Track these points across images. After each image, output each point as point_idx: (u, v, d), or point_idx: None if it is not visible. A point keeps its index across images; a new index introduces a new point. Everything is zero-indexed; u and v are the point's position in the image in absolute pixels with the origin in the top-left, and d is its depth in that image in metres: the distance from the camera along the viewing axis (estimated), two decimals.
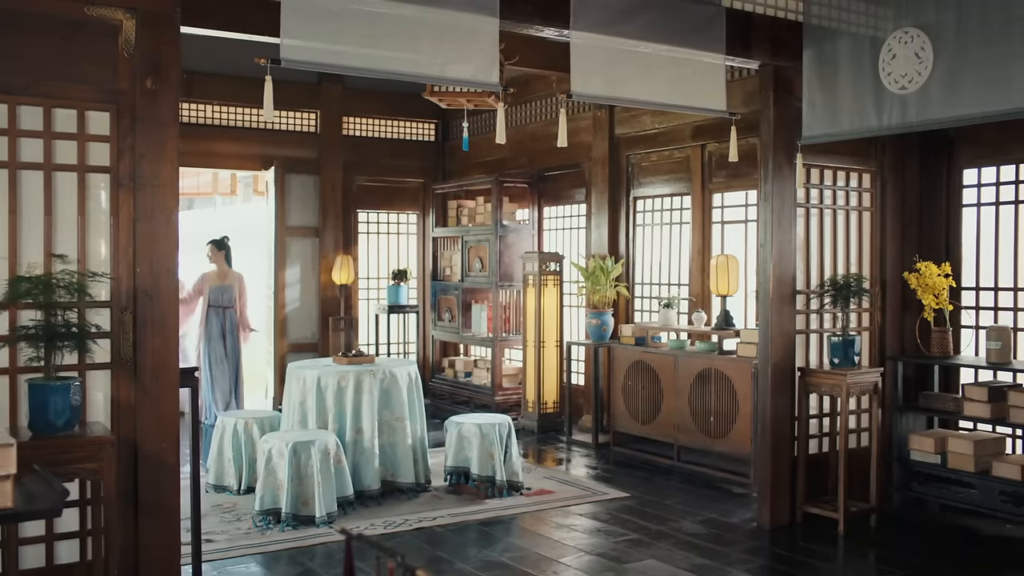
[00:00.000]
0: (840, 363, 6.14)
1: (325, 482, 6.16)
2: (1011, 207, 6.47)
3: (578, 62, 5.33)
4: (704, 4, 5.72)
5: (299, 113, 10.91)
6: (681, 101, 5.89)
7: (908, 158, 6.75)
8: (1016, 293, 6.42)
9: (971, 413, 6.00)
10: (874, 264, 6.71)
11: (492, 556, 5.64)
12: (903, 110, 5.35)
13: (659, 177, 8.93)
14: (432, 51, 4.95)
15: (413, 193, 11.76)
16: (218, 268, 9.19)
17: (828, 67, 5.78)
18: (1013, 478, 5.71)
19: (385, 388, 6.84)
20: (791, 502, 6.26)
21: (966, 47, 5.04)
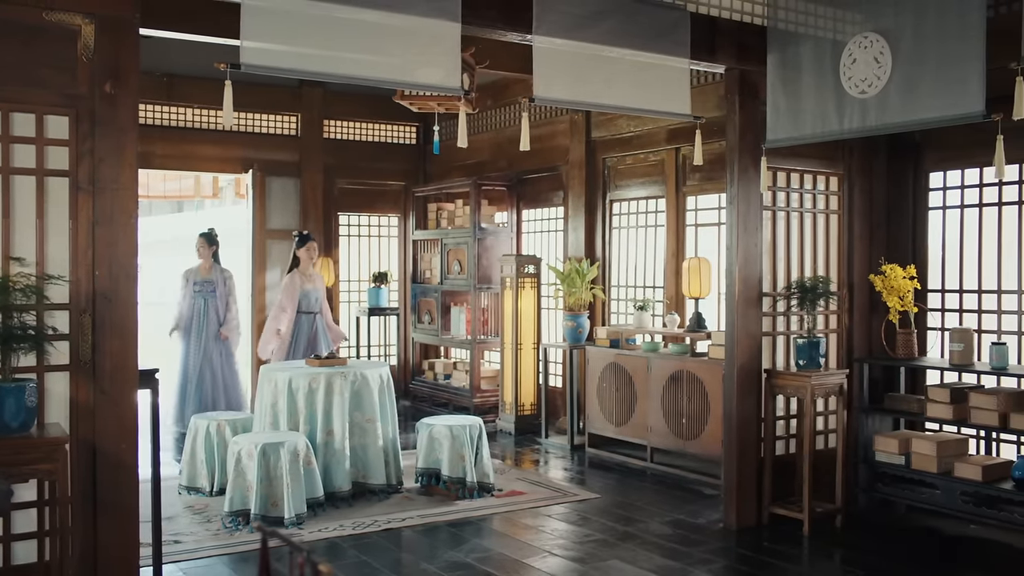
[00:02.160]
0: (806, 365, 6.19)
1: (294, 483, 6.19)
2: (975, 210, 6.52)
3: (541, 66, 5.36)
4: (668, 9, 5.76)
5: (280, 116, 10.94)
6: (646, 105, 5.93)
7: (875, 161, 6.80)
8: (980, 296, 6.47)
9: (934, 414, 6.04)
10: (841, 267, 6.76)
11: (458, 557, 5.67)
12: (863, 114, 5.40)
13: (635, 180, 8.98)
14: (394, 56, 4.98)
15: (394, 196, 11.80)
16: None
17: (791, 71, 5.83)
18: (974, 479, 5.76)
19: (356, 390, 6.88)
20: (758, 503, 6.31)
21: (923, 52, 5.09)
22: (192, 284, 9.10)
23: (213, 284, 9.11)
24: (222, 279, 9.18)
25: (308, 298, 8.70)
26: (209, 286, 9.09)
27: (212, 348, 9.00)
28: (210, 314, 9.05)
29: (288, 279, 8.74)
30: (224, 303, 9.14)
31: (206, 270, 9.15)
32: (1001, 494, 5.66)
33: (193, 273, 9.16)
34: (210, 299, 9.08)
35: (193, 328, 9.02)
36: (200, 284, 9.08)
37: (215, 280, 9.14)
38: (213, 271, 9.17)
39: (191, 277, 9.15)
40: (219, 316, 9.07)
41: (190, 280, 9.13)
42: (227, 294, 9.19)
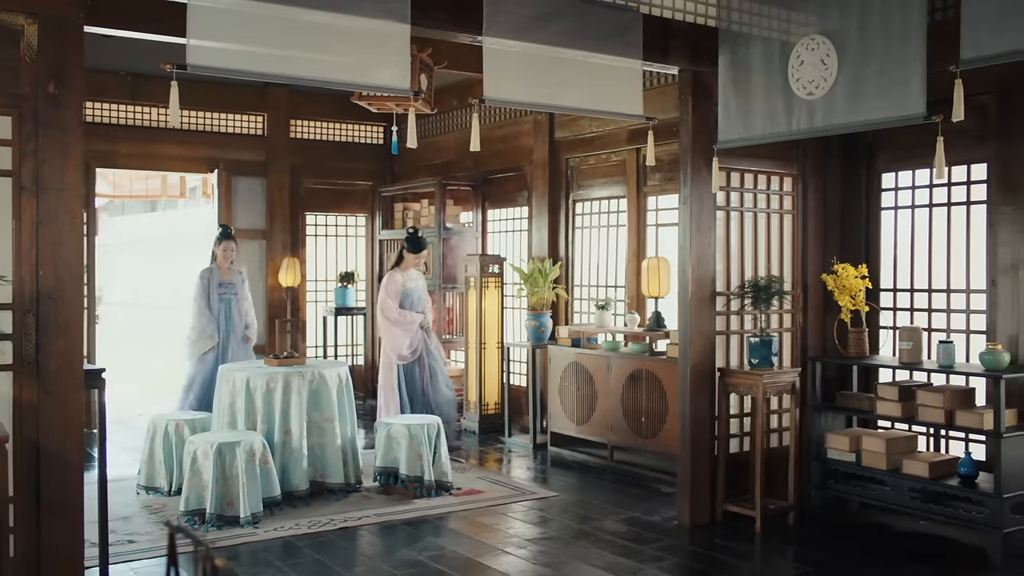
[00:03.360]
0: (759, 364, 6.25)
1: (250, 483, 6.21)
2: (925, 210, 6.60)
3: (491, 67, 5.39)
4: (621, 10, 5.80)
5: (246, 116, 10.94)
6: (598, 106, 5.98)
7: (829, 161, 6.87)
8: (930, 295, 6.55)
9: (883, 412, 6.11)
10: (796, 266, 6.83)
11: (411, 555, 5.70)
12: (811, 115, 5.46)
13: (597, 180, 9.03)
14: (343, 56, 5.00)
15: (361, 196, 11.81)
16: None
17: (742, 72, 5.89)
18: (921, 475, 5.83)
19: (314, 389, 6.89)
20: (711, 501, 6.37)
21: (868, 54, 5.15)
22: (216, 286, 8.66)
23: (235, 285, 8.76)
24: (241, 279, 8.89)
25: (410, 297, 8.32)
26: (232, 288, 8.73)
27: (239, 353, 8.61)
28: (234, 317, 8.69)
29: (387, 277, 8.34)
30: (244, 304, 8.82)
31: (227, 271, 8.76)
32: (947, 490, 5.73)
33: (213, 274, 8.69)
34: (233, 301, 8.72)
35: (221, 334, 8.57)
36: (224, 286, 8.69)
37: (236, 281, 8.80)
38: (231, 273, 8.81)
39: (212, 279, 8.67)
40: (242, 318, 8.73)
41: (211, 282, 8.65)
42: (247, 296, 8.89)
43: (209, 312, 8.57)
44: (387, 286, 8.24)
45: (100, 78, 9.62)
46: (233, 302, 8.71)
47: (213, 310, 8.59)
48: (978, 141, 6.14)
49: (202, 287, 8.66)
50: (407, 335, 8.17)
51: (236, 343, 8.63)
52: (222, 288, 8.65)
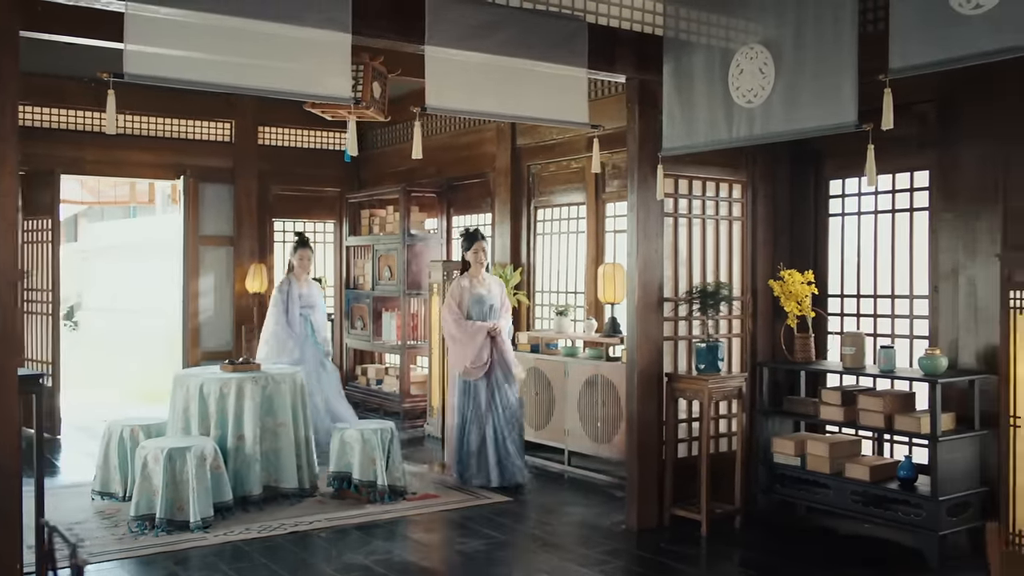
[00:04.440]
0: (705, 369, 6.31)
1: (201, 487, 6.24)
2: (871, 217, 6.68)
3: (434, 76, 5.45)
4: (566, 19, 5.85)
5: (213, 122, 11.00)
6: (543, 114, 6.04)
7: (778, 168, 6.95)
8: (876, 300, 6.63)
9: (827, 416, 6.18)
10: (745, 272, 6.89)
11: (357, 559, 5.74)
12: (750, 123, 5.53)
13: (558, 187, 9.10)
14: (285, 65, 5.04)
15: (329, 202, 11.87)
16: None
17: (685, 81, 5.96)
18: (863, 479, 5.90)
19: (268, 395, 6.93)
20: (659, 505, 6.42)
21: (803, 64, 5.23)
22: (297, 297, 8.48)
23: (313, 296, 8.58)
24: (318, 291, 8.74)
25: (481, 305, 7.59)
26: (310, 299, 8.56)
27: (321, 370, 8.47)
28: (313, 333, 8.51)
29: (454, 284, 7.77)
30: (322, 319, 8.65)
31: (305, 282, 8.54)
32: (887, 494, 5.80)
33: (292, 285, 8.51)
34: (310, 314, 8.55)
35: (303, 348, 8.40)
36: (304, 297, 8.55)
37: (314, 293, 8.61)
38: (308, 284, 8.57)
39: (291, 290, 8.46)
40: (319, 332, 8.58)
41: (292, 294, 8.45)
42: (322, 308, 8.70)
43: (288, 326, 8.35)
44: (448, 295, 7.71)
45: (64, 84, 9.67)
46: (310, 315, 8.56)
47: (294, 325, 8.35)
48: (920, 149, 6.22)
49: (280, 299, 8.42)
50: (467, 347, 7.44)
51: (315, 361, 8.41)
52: (301, 300, 8.47)
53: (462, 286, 7.58)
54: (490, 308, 7.55)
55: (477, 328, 7.39)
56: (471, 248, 7.60)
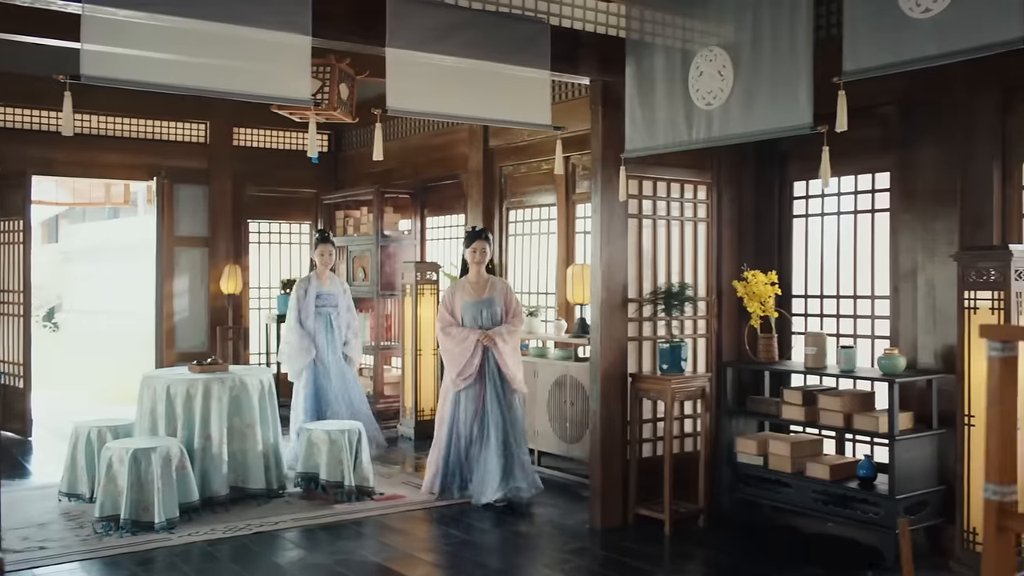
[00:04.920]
0: (668, 369, 6.35)
1: (166, 488, 6.25)
2: (834, 218, 6.73)
3: (395, 78, 5.47)
4: (529, 22, 5.88)
5: (188, 123, 11.00)
6: (506, 116, 6.08)
7: (743, 170, 6.99)
8: (839, 300, 6.69)
9: (788, 416, 6.23)
10: (710, 273, 6.93)
11: (320, 559, 5.76)
12: (709, 125, 5.58)
13: (529, 188, 9.13)
14: (243, 67, 5.06)
15: (305, 203, 11.88)
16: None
17: (647, 82, 6.00)
18: (823, 478, 5.95)
19: (235, 396, 6.94)
20: (623, 504, 6.46)
21: (760, 67, 5.27)
22: (315, 298, 8.14)
23: (335, 296, 8.24)
24: (342, 290, 8.36)
25: (478, 311, 7.07)
26: (332, 299, 8.22)
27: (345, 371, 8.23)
28: (335, 333, 8.21)
29: (448, 288, 7.34)
30: (347, 317, 8.31)
31: (328, 280, 8.25)
32: (847, 492, 5.85)
33: (312, 284, 8.18)
34: (333, 314, 8.21)
35: (321, 350, 8.11)
36: (324, 297, 8.20)
37: (336, 292, 8.27)
38: (331, 282, 8.29)
39: (310, 289, 8.13)
40: (342, 334, 8.26)
41: (310, 292, 8.12)
42: (348, 309, 8.35)
43: (301, 328, 8.06)
44: (441, 299, 7.30)
45: (36, 85, 9.60)
46: (333, 315, 8.21)
47: (308, 325, 8.07)
48: (881, 150, 6.28)
49: (296, 299, 8.11)
50: (454, 356, 6.99)
51: (335, 362, 8.13)
52: (320, 300, 8.15)
53: (455, 290, 7.16)
54: (490, 314, 7.03)
55: (464, 335, 6.95)
56: (470, 247, 7.14)
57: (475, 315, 7.03)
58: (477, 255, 7.11)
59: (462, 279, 7.17)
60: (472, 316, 7.03)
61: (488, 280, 7.15)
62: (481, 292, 7.10)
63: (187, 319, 10.96)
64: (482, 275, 7.14)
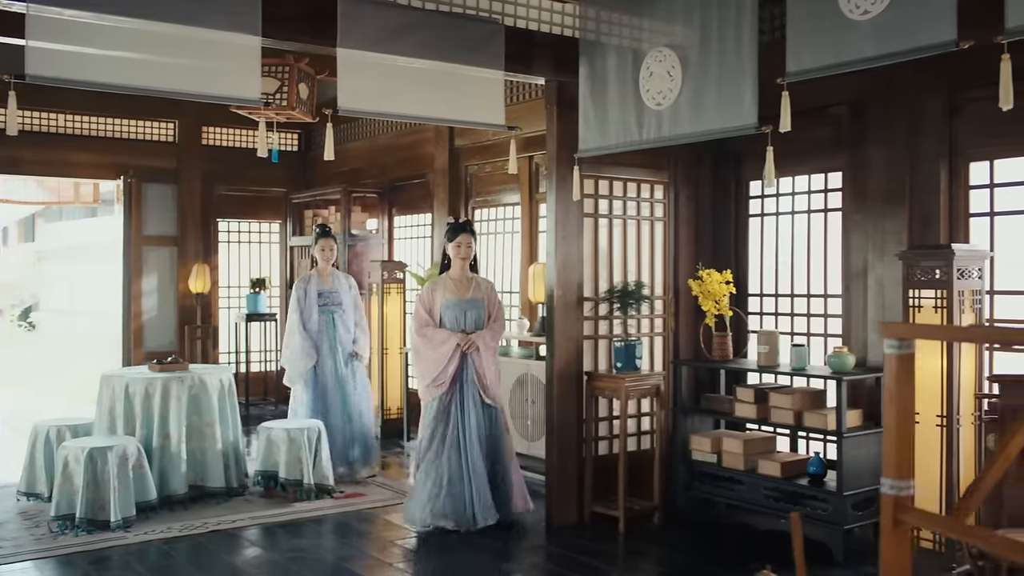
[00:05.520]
0: (623, 367, 6.40)
1: (122, 487, 6.26)
2: (788, 217, 6.79)
3: (346, 78, 5.49)
4: (482, 22, 5.92)
5: (156, 122, 10.99)
6: (459, 116, 6.11)
7: (700, 169, 7.05)
8: (793, 299, 6.74)
9: (741, 414, 6.28)
10: (667, 271, 6.98)
11: (272, 557, 5.80)
12: (659, 125, 5.63)
13: (494, 187, 9.17)
14: (191, 67, 5.09)
15: (276, 203, 11.89)
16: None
17: (599, 83, 6.04)
18: (774, 475, 6.00)
19: (194, 395, 6.96)
20: (579, 502, 6.50)
21: (707, 68, 5.32)
22: (317, 296, 7.71)
23: (339, 294, 7.79)
24: (347, 286, 7.88)
25: (459, 312, 6.39)
26: (335, 297, 7.75)
27: (346, 375, 7.72)
28: (340, 332, 7.72)
29: (426, 286, 6.58)
30: (352, 316, 7.83)
31: (329, 277, 7.81)
32: (798, 489, 5.90)
33: (313, 282, 7.75)
34: (337, 313, 7.73)
35: (323, 352, 7.67)
36: (326, 295, 7.74)
37: (339, 288, 7.81)
38: (334, 279, 7.84)
39: (310, 287, 7.70)
40: (349, 333, 7.80)
41: (310, 291, 7.69)
42: (355, 307, 7.88)
43: (304, 330, 7.63)
44: (418, 298, 6.57)
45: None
46: (337, 314, 7.75)
47: (312, 327, 7.65)
48: (834, 150, 6.35)
49: (296, 301, 7.69)
50: (427, 361, 6.32)
51: (341, 362, 7.71)
52: (323, 298, 7.71)
53: (434, 288, 6.43)
54: (474, 317, 6.37)
55: (442, 338, 6.28)
56: (454, 240, 6.45)
57: (457, 316, 6.36)
58: (462, 250, 6.44)
59: (442, 276, 6.50)
60: (453, 317, 6.36)
61: (472, 279, 6.49)
62: (465, 291, 6.41)
63: (155, 318, 10.95)
64: (466, 272, 6.48)
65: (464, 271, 6.49)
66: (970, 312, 5.26)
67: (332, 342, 7.73)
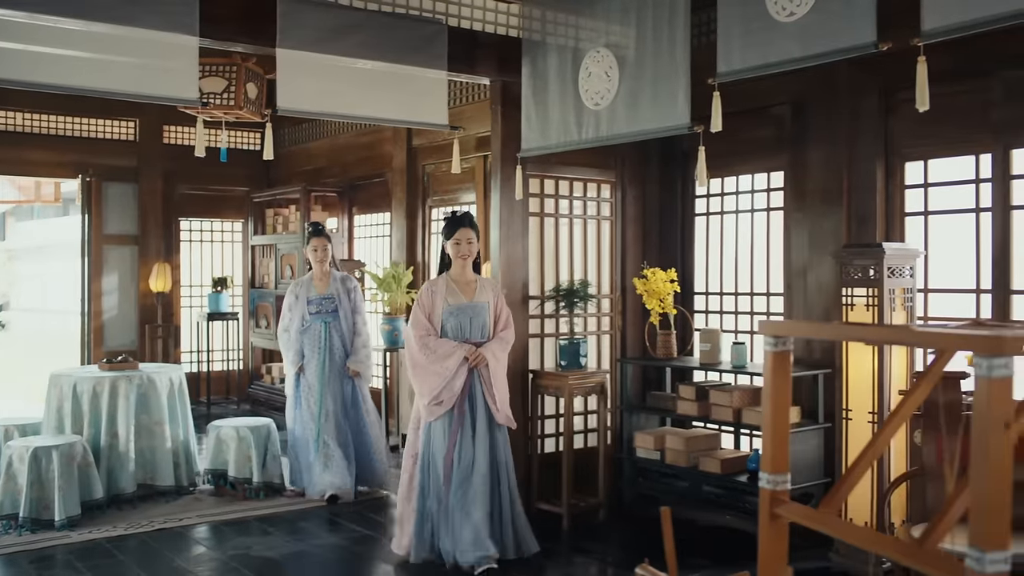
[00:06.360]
0: (567, 365, 6.45)
1: (67, 486, 6.27)
2: (733, 216, 6.85)
3: (286, 78, 5.52)
4: (425, 22, 5.95)
5: (117, 121, 10.97)
6: (403, 116, 6.15)
7: (648, 169, 7.10)
8: (737, 298, 6.81)
9: (683, 411, 6.34)
10: (614, 270, 7.04)
11: (214, 555, 5.81)
12: (597, 125, 5.68)
13: (451, 187, 9.19)
14: (129, 67, 5.11)
15: (238, 201, 11.89)
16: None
17: (540, 82, 6.09)
18: (715, 472, 6.06)
19: (143, 393, 6.97)
20: (525, 499, 6.51)
21: (642, 68, 5.38)
22: (307, 303, 7.00)
23: (334, 301, 7.03)
24: (345, 291, 7.08)
25: (463, 317, 5.58)
26: (329, 303, 7.00)
27: (340, 390, 7.01)
28: (334, 342, 6.98)
29: (423, 288, 5.73)
30: (351, 325, 7.07)
31: (323, 282, 7.07)
32: (737, 485, 5.97)
33: (305, 287, 7.05)
34: (332, 322, 6.99)
35: (313, 364, 6.96)
36: (318, 302, 7.01)
37: (336, 294, 7.04)
38: (332, 282, 7.08)
39: (302, 292, 7.01)
40: (345, 345, 7.04)
41: (301, 297, 7.00)
42: (354, 312, 7.08)
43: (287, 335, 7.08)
44: (415, 302, 5.71)
45: None
46: (332, 325, 7.00)
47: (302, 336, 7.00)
48: (776, 150, 6.41)
49: (287, 307, 7.07)
50: (428, 376, 5.50)
51: (335, 377, 6.97)
52: (313, 306, 6.99)
53: (434, 291, 5.61)
54: (479, 325, 5.59)
55: (447, 351, 5.47)
56: (452, 237, 5.61)
57: (461, 324, 5.55)
58: (462, 247, 5.62)
59: (441, 276, 5.69)
60: (456, 325, 5.55)
61: (476, 280, 5.67)
62: (468, 295, 5.61)
63: (116, 317, 10.94)
64: (468, 273, 5.67)
65: (466, 272, 5.66)
66: (901, 310, 5.33)
67: (324, 355, 6.96)
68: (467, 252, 5.64)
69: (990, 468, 1.79)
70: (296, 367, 7.03)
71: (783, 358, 2.46)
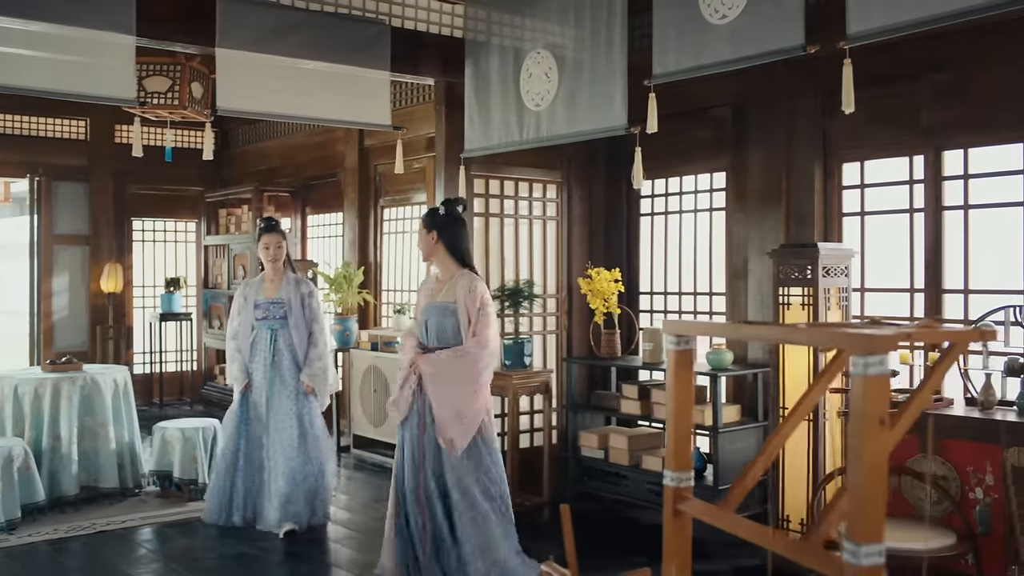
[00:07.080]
0: (512, 365, 6.47)
1: (7, 489, 6.21)
2: (676, 216, 6.91)
3: (225, 78, 5.52)
4: (367, 23, 5.96)
5: (68, 120, 10.88)
6: (345, 117, 6.15)
7: (594, 169, 7.15)
8: (681, 297, 6.87)
9: (626, 410, 6.39)
10: (560, 270, 7.08)
11: (158, 556, 5.78)
12: (537, 126, 5.71)
13: (403, 187, 9.20)
14: (66, 66, 5.09)
15: (191, 201, 11.82)
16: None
17: (483, 83, 6.12)
18: (657, 470, 6.11)
19: (86, 395, 6.92)
20: None
21: (581, 69, 5.42)
22: (252, 307, 6.22)
23: (284, 306, 6.16)
24: (298, 296, 6.18)
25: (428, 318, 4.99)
26: (278, 309, 6.15)
27: (286, 406, 6.10)
28: (281, 352, 6.12)
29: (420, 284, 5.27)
30: (304, 334, 6.18)
31: (275, 284, 6.23)
32: None
33: (254, 288, 6.26)
34: (279, 329, 6.13)
35: (255, 376, 6.18)
36: (265, 307, 6.17)
37: (287, 300, 6.16)
38: (284, 285, 6.23)
39: (251, 294, 6.22)
40: (295, 357, 6.16)
41: (249, 299, 6.22)
42: (310, 320, 6.21)
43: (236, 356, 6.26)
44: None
45: None
46: (279, 334, 6.13)
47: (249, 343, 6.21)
48: (718, 151, 6.48)
49: (236, 310, 6.31)
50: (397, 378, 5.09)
51: (284, 391, 6.11)
52: (260, 311, 6.17)
53: (421, 288, 5.20)
54: (435, 328, 4.94)
55: (406, 351, 5.07)
56: (429, 232, 5.02)
57: (434, 325, 4.97)
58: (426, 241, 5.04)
59: (431, 273, 5.29)
60: (434, 326, 4.97)
61: (452, 278, 4.98)
62: (437, 294, 5.03)
63: (67, 318, 10.85)
64: (449, 269, 5.01)
65: (447, 267, 5.01)
66: (837, 309, 5.40)
67: (268, 367, 6.13)
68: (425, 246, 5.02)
69: (865, 464, 1.83)
70: (242, 384, 6.21)
71: (685, 357, 2.49)
